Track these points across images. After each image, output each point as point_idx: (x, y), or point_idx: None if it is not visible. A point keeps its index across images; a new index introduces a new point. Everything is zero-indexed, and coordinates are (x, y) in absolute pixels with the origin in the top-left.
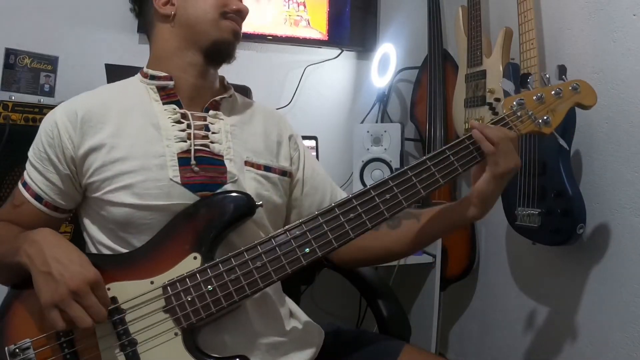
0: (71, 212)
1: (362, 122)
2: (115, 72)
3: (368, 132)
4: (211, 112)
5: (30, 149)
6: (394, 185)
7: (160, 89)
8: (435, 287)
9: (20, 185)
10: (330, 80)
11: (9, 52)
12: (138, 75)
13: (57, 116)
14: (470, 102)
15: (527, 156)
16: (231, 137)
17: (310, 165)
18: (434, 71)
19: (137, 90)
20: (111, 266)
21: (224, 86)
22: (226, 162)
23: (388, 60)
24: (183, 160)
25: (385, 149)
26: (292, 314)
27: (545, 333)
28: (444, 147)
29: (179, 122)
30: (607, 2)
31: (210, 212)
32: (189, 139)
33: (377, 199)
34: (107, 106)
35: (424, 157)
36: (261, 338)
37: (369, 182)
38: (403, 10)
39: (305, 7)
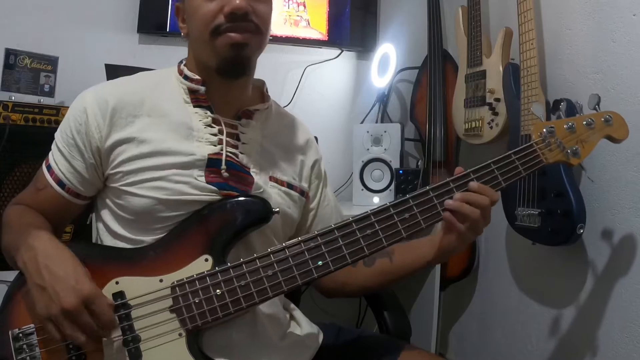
0: (91, 199)
1: (362, 122)
2: (115, 72)
3: (368, 132)
4: (243, 120)
5: (58, 131)
6: (414, 205)
7: (192, 92)
8: (435, 287)
9: (44, 168)
10: (330, 81)
11: (9, 53)
12: (175, 70)
13: (88, 102)
14: (470, 102)
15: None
16: (260, 150)
17: (325, 196)
18: (434, 71)
19: (171, 87)
20: (121, 260)
21: (262, 95)
22: (253, 174)
23: (388, 61)
24: (213, 161)
25: (385, 149)
26: (291, 315)
27: (545, 333)
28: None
29: (210, 126)
30: (607, 2)
31: (225, 214)
32: (220, 144)
33: (395, 217)
34: (140, 98)
35: (447, 179)
36: (264, 340)
37: (369, 183)
38: (403, 10)
39: (305, 7)
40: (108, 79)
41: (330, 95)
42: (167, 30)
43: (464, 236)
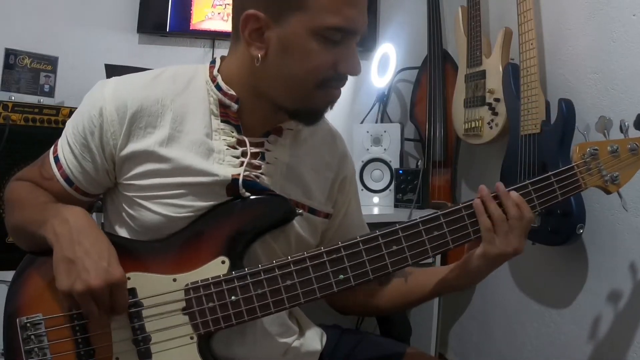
0: (99, 197)
1: (361, 122)
2: (115, 73)
3: (368, 132)
4: (272, 137)
5: (70, 123)
6: (444, 222)
7: (222, 105)
8: None
9: (51, 158)
10: None
11: (8, 53)
12: (206, 72)
13: (107, 102)
14: (469, 102)
15: (526, 156)
16: (285, 171)
17: (350, 214)
18: (433, 71)
19: (199, 93)
20: (134, 253)
21: None
22: None
23: (388, 60)
24: (235, 182)
25: (385, 149)
26: (295, 317)
27: (545, 333)
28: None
29: (233, 147)
30: (607, 2)
31: (244, 214)
32: (241, 165)
33: (424, 234)
34: (163, 105)
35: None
36: (270, 342)
37: (369, 183)
38: (403, 10)
39: None
40: None
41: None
42: (167, 30)
43: (489, 245)
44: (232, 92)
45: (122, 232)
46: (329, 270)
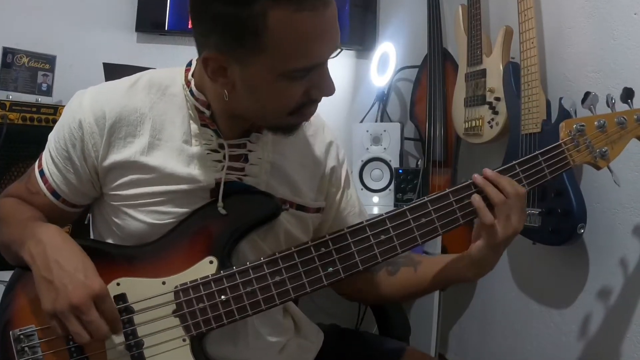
0: (87, 206)
1: (361, 121)
2: (114, 71)
3: (367, 131)
4: (253, 135)
5: (52, 136)
6: (432, 209)
7: (198, 110)
8: None
9: (36, 172)
10: None
11: (6, 51)
12: (182, 76)
13: (85, 114)
14: (470, 101)
15: (527, 155)
16: (270, 169)
17: (345, 202)
18: (433, 70)
19: (176, 99)
20: (122, 258)
21: None
22: None
23: (387, 59)
24: (219, 187)
25: (384, 149)
26: (290, 315)
27: (546, 334)
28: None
29: (215, 151)
30: (608, 0)
31: (230, 212)
32: (223, 170)
33: (412, 223)
34: (141, 114)
35: (469, 181)
36: (265, 342)
37: (369, 182)
38: (403, 8)
39: None
40: (106, 78)
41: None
42: (166, 29)
43: (492, 237)
44: (203, 98)
45: (109, 241)
46: (317, 264)
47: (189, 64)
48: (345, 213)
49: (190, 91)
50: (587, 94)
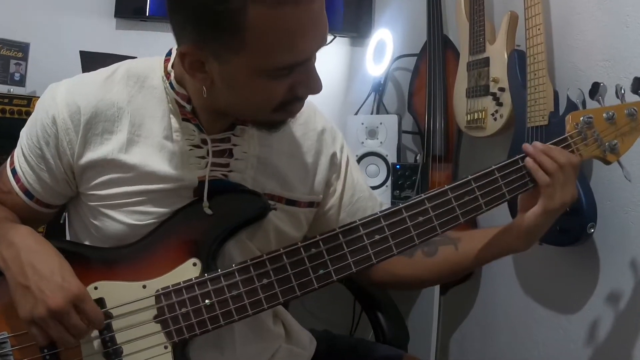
0: (62, 207)
1: (356, 113)
2: (91, 60)
3: (362, 124)
4: (238, 128)
5: (25, 132)
6: (429, 207)
7: (179, 104)
8: (434, 291)
9: (8, 171)
10: (322, 69)
11: None
12: (161, 66)
13: (58, 110)
14: (472, 92)
15: None
16: (256, 164)
17: (351, 187)
18: (433, 59)
19: (155, 92)
20: (100, 261)
21: None
22: None
23: (384, 47)
24: (203, 185)
25: (381, 143)
26: (281, 320)
27: (553, 340)
28: (492, 167)
29: (197, 146)
30: None
31: (216, 212)
32: (206, 167)
33: (408, 221)
34: (119, 108)
35: (469, 177)
36: (252, 348)
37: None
38: None
39: None
40: (83, 67)
41: (323, 84)
42: (147, 14)
43: (550, 200)
44: (184, 92)
45: (86, 242)
46: (307, 265)
47: (169, 54)
48: (355, 198)
49: (170, 84)
50: (595, 84)
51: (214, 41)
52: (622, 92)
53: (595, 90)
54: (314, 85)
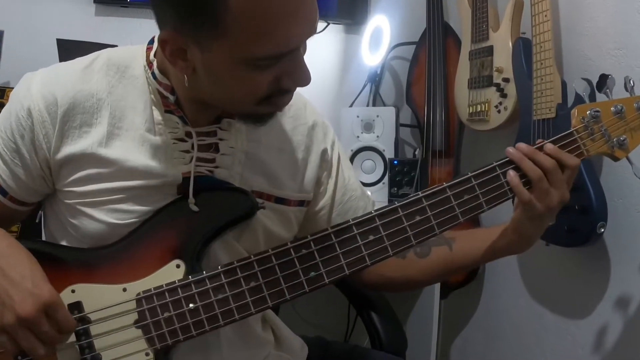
0: (39, 204)
1: (351, 105)
2: (69, 48)
3: (358, 117)
4: (224, 121)
5: None
6: (427, 206)
7: (162, 95)
8: (434, 295)
9: None
10: (314, 58)
11: None
12: (144, 55)
13: (34, 101)
14: (475, 83)
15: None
16: (244, 160)
17: (342, 186)
18: (433, 47)
19: (137, 82)
20: (78, 262)
21: None
22: None
23: (381, 35)
24: (187, 181)
25: (377, 137)
26: (270, 326)
27: (560, 346)
28: (494, 164)
29: (182, 140)
30: None
31: (201, 211)
32: (191, 161)
33: (404, 221)
34: (98, 99)
35: (469, 174)
36: (239, 355)
37: (360, 175)
38: None
39: None
40: (60, 56)
41: (315, 75)
42: (128, 0)
43: (530, 211)
44: (167, 82)
45: (63, 242)
46: (298, 267)
47: (151, 42)
48: (346, 197)
49: (153, 74)
50: (602, 76)
51: (195, 27)
52: (632, 84)
53: (603, 82)
54: (302, 77)
